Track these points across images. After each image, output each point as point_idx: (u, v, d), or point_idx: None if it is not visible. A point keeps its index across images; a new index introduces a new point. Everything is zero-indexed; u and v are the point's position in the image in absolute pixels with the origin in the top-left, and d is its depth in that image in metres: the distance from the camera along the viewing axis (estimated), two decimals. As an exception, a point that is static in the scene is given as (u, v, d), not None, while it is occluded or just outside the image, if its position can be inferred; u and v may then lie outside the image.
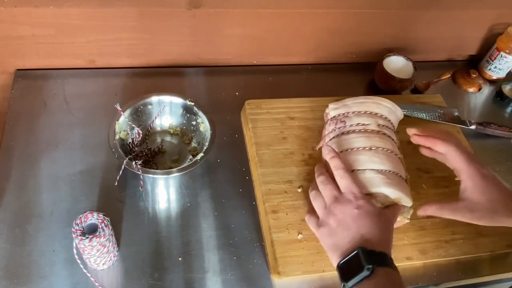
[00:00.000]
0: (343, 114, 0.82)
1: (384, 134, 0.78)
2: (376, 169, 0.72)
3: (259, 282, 0.71)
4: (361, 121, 0.79)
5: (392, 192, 0.70)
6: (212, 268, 0.71)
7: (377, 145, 0.75)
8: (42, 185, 0.77)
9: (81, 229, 0.62)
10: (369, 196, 0.70)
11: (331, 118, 0.83)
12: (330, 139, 0.79)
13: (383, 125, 0.80)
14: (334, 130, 0.80)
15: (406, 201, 0.71)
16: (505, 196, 0.66)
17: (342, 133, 0.78)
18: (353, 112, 0.82)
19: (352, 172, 0.72)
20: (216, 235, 0.75)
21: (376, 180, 0.70)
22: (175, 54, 1.00)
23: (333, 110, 0.84)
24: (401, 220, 0.74)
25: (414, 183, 0.83)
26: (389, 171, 0.72)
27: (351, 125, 0.79)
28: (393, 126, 0.84)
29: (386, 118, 0.82)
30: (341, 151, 0.76)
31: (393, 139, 0.79)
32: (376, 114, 0.81)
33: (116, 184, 0.75)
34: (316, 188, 0.70)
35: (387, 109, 0.83)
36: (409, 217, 0.74)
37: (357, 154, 0.74)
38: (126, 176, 0.79)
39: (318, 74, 1.08)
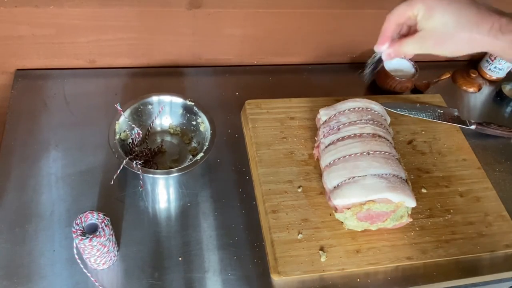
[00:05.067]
0: (334, 115, 0.82)
1: (380, 136, 0.78)
2: (376, 174, 0.72)
3: (259, 282, 0.71)
4: (353, 118, 0.79)
5: (395, 196, 0.70)
6: (212, 268, 0.71)
7: (374, 149, 0.75)
8: (42, 185, 0.77)
9: (81, 229, 0.62)
10: (371, 202, 0.70)
11: (323, 123, 0.83)
12: (326, 147, 0.79)
13: (377, 121, 0.80)
14: (329, 132, 0.80)
15: (410, 203, 0.71)
16: (465, 16, 0.55)
17: (338, 139, 0.78)
18: (343, 111, 0.82)
19: (352, 178, 0.72)
20: (216, 235, 0.75)
21: (378, 186, 0.70)
22: (175, 54, 1.00)
23: (324, 115, 0.84)
24: (403, 220, 0.74)
25: (414, 183, 0.83)
26: (390, 174, 0.72)
27: (344, 124, 0.79)
28: (386, 122, 0.83)
29: (378, 114, 0.82)
30: (339, 158, 0.75)
31: (388, 140, 0.79)
32: (367, 108, 0.81)
33: (113, 183, 0.75)
34: None
35: (377, 107, 0.84)
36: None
37: (356, 160, 0.74)
38: (126, 176, 0.79)
39: (318, 74, 1.08)
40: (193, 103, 0.84)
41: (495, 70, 1.13)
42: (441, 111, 0.98)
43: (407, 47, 0.60)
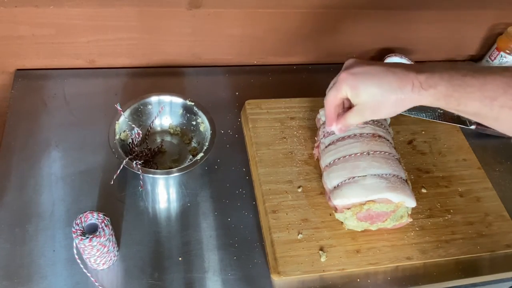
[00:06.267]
0: None
1: (380, 136, 0.78)
2: (376, 174, 0.72)
3: (259, 282, 0.71)
4: None
5: (395, 196, 0.70)
6: (212, 268, 0.71)
7: (374, 149, 0.75)
8: (42, 185, 0.77)
9: (81, 229, 0.62)
10: (371, 202, 0.70)
11: (323, 123, 0.83)
12: (326, 147, 0.79)
13: (377, 121, 0.80)
14: (329, 133, 0.80)
15: (410, 203, 0.71)
16: (386, 84, 0.60)
17: (338, 139, 0.78)
18: None
19: (352, 178, 0.72)
20: (216, 235, 0.75)
21: (378, 186, 0.70)
22: (175, 54, 1.00)
23: (324, 115, 0.84)
24: (403, 220, 0.74)
25: (414, 183, 0.83)
26: (390, 174, 0.72)
27: None
28: (386, 122, 0.83)
29: None
30: (339, 158, 0.76)
31: (388, 140, 0.79)
32: None
33: (113, 183, 0.75)
34: None
35: None
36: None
37: (356, 160, 0.74)
38: (126, 176, 0.79)
39: (318, 74, 1.08)
40: (193, 103, 0.84)
41: (495, 70, 1.12)
42: (441, 111, 0.98)
43: (351, 120, 0.66)
